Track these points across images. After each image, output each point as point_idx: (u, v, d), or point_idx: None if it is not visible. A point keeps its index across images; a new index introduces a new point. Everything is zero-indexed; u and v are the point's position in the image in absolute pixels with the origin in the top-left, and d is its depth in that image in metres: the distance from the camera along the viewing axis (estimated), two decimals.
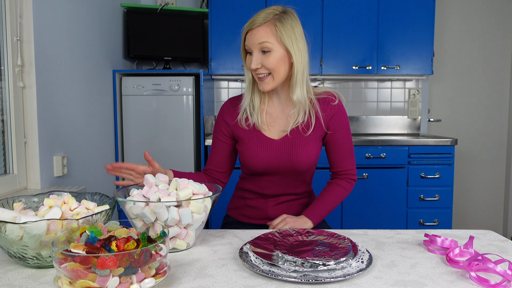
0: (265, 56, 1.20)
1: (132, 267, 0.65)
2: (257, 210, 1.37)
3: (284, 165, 1.28)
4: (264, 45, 1.19)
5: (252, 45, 1.21)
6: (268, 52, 1.20)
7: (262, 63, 1.20)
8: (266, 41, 1.19)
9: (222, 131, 1.36)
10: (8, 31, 1.63)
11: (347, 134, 1.32)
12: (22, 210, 0.89)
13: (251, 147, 1.29)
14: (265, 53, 1.20)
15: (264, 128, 1.30)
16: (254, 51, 1.21)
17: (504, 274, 0.74)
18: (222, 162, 1.38)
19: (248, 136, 1.30)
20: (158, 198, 0.91)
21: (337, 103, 1.30)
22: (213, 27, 2.81)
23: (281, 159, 1.28)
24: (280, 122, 1.31)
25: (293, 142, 1.28)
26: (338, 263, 0.78)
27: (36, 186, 1.74)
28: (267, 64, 1.20)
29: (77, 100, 2.10)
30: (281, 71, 1.22)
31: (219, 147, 1.37)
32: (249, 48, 1.22)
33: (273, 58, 1.20)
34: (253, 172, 1.33)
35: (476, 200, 3.37)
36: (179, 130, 2.64)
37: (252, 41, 1.20)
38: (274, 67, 1.20)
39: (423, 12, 2.82)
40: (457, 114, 3.31)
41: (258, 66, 1.21)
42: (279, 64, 1.21)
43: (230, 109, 1.36)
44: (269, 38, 1.19)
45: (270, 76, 1.22)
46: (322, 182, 1.44)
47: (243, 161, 1.33)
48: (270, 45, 1.19)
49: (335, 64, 2.86)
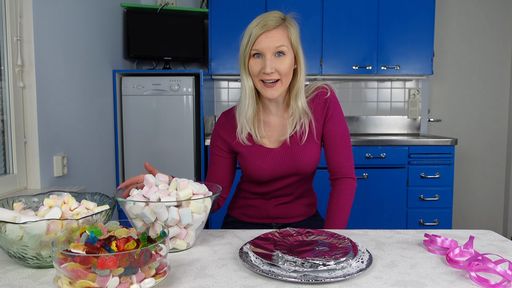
0: (279, 60, 1.16)
1: (132, 267, 0.65)
2: (258, 210, 1.37)
3: (288, 171, 1.27)
4: (281, 49, 1.15)
5: (266, 48, 1.15)
6: (283, 56, 1.16)
7: (276, 67, 1.16)
8: (283, 44, 1.15)
9: (219, 146, 1.32)
10: (8, 31, 1.63)
11: (341, 124, 1.29)
12: (22, 210, 0.89)
13: (253, 161, 1.27)
14: (279, 56, 1.16)
15: (263, 140, 1.28)
16: (268, 55, 1.15)
17: (504, 274, 0.74)
18: (222, 177, 1.34)
19: (247, 149, 1.27)
20: (158, 198, 0.91)
21: (329, 95, 1.28)
22: (213, 27, 2.81)
23: (284, 166, 1.26)
24: (279, 130, 1.28)
25: (293, 148, 1.26)
26: (338, 263, 0.78)
27: (36, 186, 1.74)
28: (281, 69, 1.16)
29: (77, 100, 2.10)
30: (289, 77, 1.20)
31: (218, 162, 1.33)
32: (262, 51, 1.16)
33: (287, 63, 1.17)
34: (257, 182, 1.32)
35: (476, 200, 3.37)
36: (179, 130, 2.64)
37: (267, 43, 1.15)
38: (287, 72, 1.17)
39: (423, 12, 2.82)
40: (457, 114, 3.31)
41: (273, 71, 1.15)
42: (290, 69, 1.18)
43: (225, 124, 1.31)
44: (285, 41, 1.16)
45: (279, 82, 1.18)
46: (322, 182, 1.44)
47: (246, 175, 1.32)
48: (286, 49, 1.16)
49: (335, 64, 2.86)
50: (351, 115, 3.22)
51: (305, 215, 1.39)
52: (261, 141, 1.27)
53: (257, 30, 1.15)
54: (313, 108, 1.27)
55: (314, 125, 1.27)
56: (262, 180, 1.28)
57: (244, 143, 1.26)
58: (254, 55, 1.18)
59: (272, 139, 1.28)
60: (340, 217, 1.25)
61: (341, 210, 1.26)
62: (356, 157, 2.55)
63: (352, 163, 1.31)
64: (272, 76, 1.16)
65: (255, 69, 1.18)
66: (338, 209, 1.26)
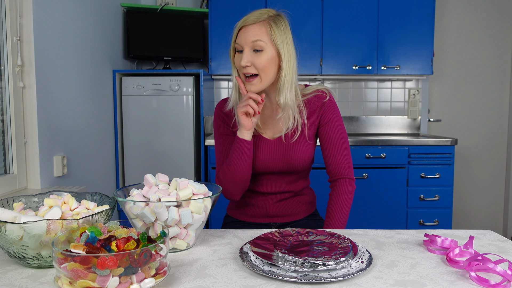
0: (257, 55, 1.18)
1: (132, 267, 0.65)
2: (257, 208, 1.37)
3: (280, 164, 1.29)
4: (257, 44, 1.18)
5: (244, 43, 1.19)
6: (260, 51, 1.18)
7: (253, 62, 1.18)
8: (259, 39, 1.18)
9: (226, 124, 1.35)
10: (8, 31, 1.63)
11: (340, 126, 1.31)
12: (22, 210, 0.89)
13: None
14: (257, 52, 1.19)
15: (260, 131, 1.31)
16: (246, 49, 1.19)
17: (504, 274, 0.74)
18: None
19: None
20: (158, 198, 0.91)
21: (328, 99, 1.30)
22: (213, 27, 2.81)
23: (277, 159, 1.29)
24: (273, 123, 1.31)
25: (286, 144, 1.29)
26: (338, 263, 0.78)
27: (36, 186, 1.74)
28: (257, 63, 1.18)
29: (77, 100, 2.10)
30: (269, 73, 1.21)
31: (229, 140, 1.33)
32: (241, 45, 1.20)
33: (264, 58, 1.18)
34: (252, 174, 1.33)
35: (476, 200, 3.37)
36: (179, 130, 2.64)
37: (245, 38, 1.19)
38: (263, 67, 1.19)
39: (423, 12, 2.82)
40: (457, 114, 3.31)
41: (248, 64, 1.18)
42: (268, 64, 1.19)
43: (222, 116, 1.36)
44: (263, 36, 1.18)
45: (258, 77, 1.20)
46: (322, 182, 1.44)
47: None
48: (263, 44, 1.18)
49: (335, 64, 2.86)
50: (351, 115, 3.22)
51: (304, 213, 1.39)
52: (258, 131, 1.31)
53: (239, 25, 1.22)
54: (308, 107, 1.30)
55: (306, 124, 1.29)
56: (254, 169, 1.30)
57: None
58: (238, 51, 1.23)
59: (267, 131, 1.32)
60: (340, 217, 1.26)
61: (340, 210, 1.26)
62: (356, 157, 2.55)
63: (351, 165, 1.32)
64: (248, 70, 1.19)
65: (237, 63, 1.23)
66: (337, 209, 1.27)
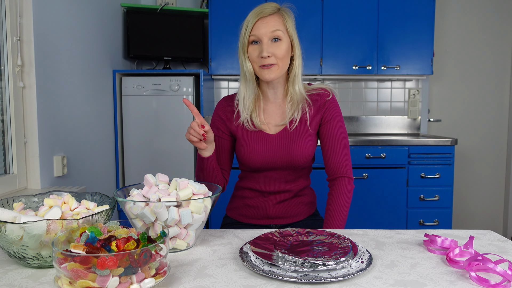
0: (276, 45, 1.22)
1: (132, 267, 0.65)
2: (256, 209, 1.36)
3: (281, 159, 1.29)
4: (276, 33, 1.21)
5: (263, 34, 1.21)
6: (279, 41, 1.22)
7: (273, 51, 1.21)
8: (279, 29, 1.21)
9: (220, 127, 1.36)
10: (8, 31, 1.63)
11: (341, 125, 1.33)
12: (22, 210, 0.89)
13: (249, 143, 1.30)
14: (275, 41, 1.22)
15: (262, 126, 1.32)
16: (264, 39, 1.21)
17: (504, 274, 0.74)
18: (223, 159, 1.37)
19: (246, 133, 1.32)
20: (158, 198, 0.91)
21: (331, 97, 1.33)
22: (213, 27, 2.81)
23: (278, 153, 1.29)
24: (276, 117, 1.32)
25: (289, 137, 1.29)
26: (338, 263, 0.78)
27: (36, 186, 1.74)
28: (277, 53, 1.21)
29: (77, 100, 2.10)
30: (286, 63, 1.25)
31: (219, 144, 1.36)
32: (259, 36, 1.22)
33: (283, 47, 1.23)
34: (251, 168, 1.33)
35: (476, 200, 3.37)
36: (179, 130, 2.64)
37: (264, 29, 1.21)
38: (283, 56, 1.23)
39: (423, 12, 2.82)
40: (457, 114, 3.31)
41: (270, 55, 1.21)
42: (286, 54, 1.24)
43: (226, 107, 1.36)
44: (281, 26, 1.22)
45: (276, 65, 1.23)
46: (321, 182, 1.44)
47: (240, 157, 1.34)
48: (282, 34, 1.22)
49: (335, 64, 2.86)
50: (351, 115, 3.22)
51: (304, 214, 1.39)
52: (260, 126, 1.31)
53: (254, 17, 1.23)
54: (312, 103, 1.32)
55: (310, 116, 1.30)
56: (255, 163, 1.30)
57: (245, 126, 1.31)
58: (252, 42, 1.24)
59: (271, 126, 1.32)
60: (339, 216, 1.26)
61: (340, 209, 1.27)
62: (356, 157, 2.55)
63: (350, 164, 1.33)
64: (269, 60, 1.22)
65: (254, 55, 1.24)
66: (336, 209, 1.27)
